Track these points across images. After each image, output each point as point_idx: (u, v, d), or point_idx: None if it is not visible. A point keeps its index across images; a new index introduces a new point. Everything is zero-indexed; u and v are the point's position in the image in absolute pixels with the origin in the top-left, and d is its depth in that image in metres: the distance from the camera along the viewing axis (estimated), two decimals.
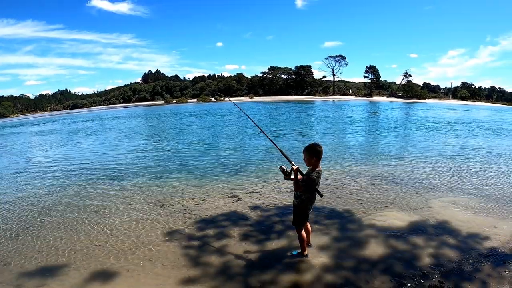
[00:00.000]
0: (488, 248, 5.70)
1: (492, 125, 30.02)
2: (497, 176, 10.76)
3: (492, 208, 7.77)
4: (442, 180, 10.05)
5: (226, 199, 8.31)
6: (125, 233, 6.51)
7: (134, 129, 28.25)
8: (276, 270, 4.96)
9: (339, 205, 7.79)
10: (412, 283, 4.59)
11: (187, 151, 15.73)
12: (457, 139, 20.18)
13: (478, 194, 8.83)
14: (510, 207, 7.87)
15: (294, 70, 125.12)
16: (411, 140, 19.89)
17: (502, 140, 20.39)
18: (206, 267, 5.12)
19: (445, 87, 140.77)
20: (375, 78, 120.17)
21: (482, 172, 11.31)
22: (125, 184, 10.08)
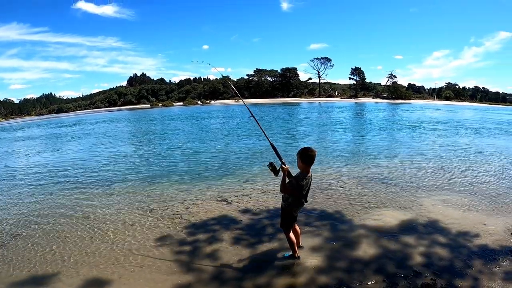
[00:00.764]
0: (478, 245, 5.79)
1: (475, 124, 30.52)
2: (484, 174, 10.99)
3: (481, 205, 7.91)
4: (430, 179, 10.16)
5: (216, 203, 8.27)
6: (115, 239, 6.40)
7: (120, 134, 27.90)
8: (269, 273, 4.94)
9: (329, 206, 7.80)
10: (405, 282, 4.62)
11: (174, 155, 15.60)
12: (442, 138, 20.47)
13: (466, 192, 8.99)
14: (498, 204, 8.03)
15: (280, 73, 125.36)
16: (398, 140, 20.08)
17: (486, 138, 20.86)
18: (199, 272, 5.07)
19: (429, 88, 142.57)
20: (361, 80, 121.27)
21: (469, 170, 11.51)
22: (113, 189, 9.93)
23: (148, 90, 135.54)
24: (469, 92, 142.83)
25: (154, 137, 24.23)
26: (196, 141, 20.53)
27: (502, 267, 5.03)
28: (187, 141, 20.76)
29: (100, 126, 38.54)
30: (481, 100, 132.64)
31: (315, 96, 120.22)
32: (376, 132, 23.88)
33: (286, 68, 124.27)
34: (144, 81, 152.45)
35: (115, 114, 70.47)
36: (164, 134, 26.16)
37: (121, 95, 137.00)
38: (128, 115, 62.93)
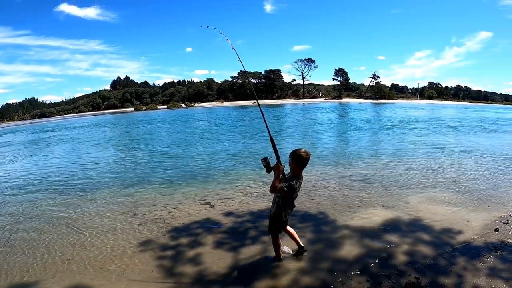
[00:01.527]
0: (462, 242, 5.83)
1: (456, 122, 31.01)
2: (467, 171, 11.19)
3: (464, 202, 8.03)
4: (413, 178, 10.28)
5: (198, 206, 8.19)
6: (97, 245, 6.29)
7: (102, 139, 27.53)
8: (252, 276, 4.90)
9: (312, 207, 7.79)
10: (389, 282, 4.61)
11: (157, 159, 15.47)
12: (425, 137, 20.77)
13: (450, 189, 9.12)
14: (481, 199, 8.19)
15: (264, 74, 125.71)
16: (381, 140, 20.27)
17: (467, 136, 21.26)
18: (181, 277, 5.00)
19: (412, 88, 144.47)
20: (344, 81, 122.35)
21: (452, 167, 11.73)
22: (95, 195, 9.76)
23: (132, 94, 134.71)
24: (451, 91, 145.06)
25: (136, 142, 24.01)
26: (179, 144, 20.42)
27: (486, 263, 5.06)
28: (170, 145, 20.65)
29: (83, 131, 38.06)
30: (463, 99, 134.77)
31: (299, 97, 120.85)
32: (359, 132, 24.07)
33: (270, 70, 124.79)
34: (128, 84, 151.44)
35: (98, 118, 69.83)
36: (147, 138, 25.93)
37: (104, 99, 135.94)
38: (111, 119, 62.39)
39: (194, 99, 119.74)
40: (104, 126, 44.00)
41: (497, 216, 7.05)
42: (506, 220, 6.79)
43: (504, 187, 9.34)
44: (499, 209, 7.51)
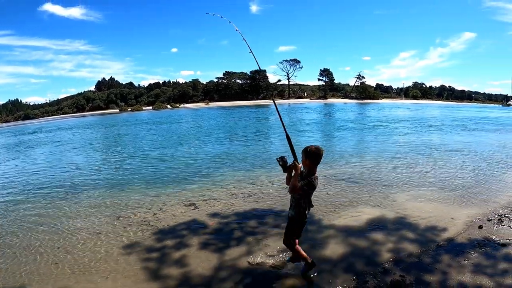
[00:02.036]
0: (446, 239, 5.94)
1: (439, 122, 31.49)
2: (450, 168, 11.46)
3: (448, 199, 8.20)
4: (398, 176, 10.42)
5: (183, 208, 8.15)
6: (82, 249, 6.20)
7: (86, 140, 27.14)
8: (236, 277, 4.90)
9: None
10: (374, 280, 4.66)
11: (142, 161, 15.33)
12: (408, 136, 21.03)
13: (434, 187, 9.31)
14: (465, 197, 8.36)
15: (249, 75, 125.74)
16: (365, 139, 20.50)
17: (450, 135, 21.72)
18: (166, 279, 4.97)
19: (397, 88, 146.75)
20: (329, 81, 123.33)
21: (435, 165, 11.96)
22: (79, 198, 9.62)
23: (117, 95, 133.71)
24: (435, 91, 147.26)
25: (120, 144, 23.78)
26: (163, 146, 20.28)
27: (470, 259, 5.14)
28: (154, 146, 20.49)
29: (67, 133, 37.56)
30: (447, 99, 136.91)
31: (284, 97, 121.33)
32: (344, 132, 24.25)
33: (255, 70, 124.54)
34: (113, 85, 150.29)
35: (83, 120, 69.03)
36: (131, 140, 25.68)
37: (89, 100, 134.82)
38: (96, 121, 61.72)
39: (179, 100, 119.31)
40: (88, 128, 43.46)
41: (480, 213, 7.19)
42: (490, 217, 6.92)
43: (487, 185, 9.54)
44: (483, 206, 7.67)
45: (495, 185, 9.48)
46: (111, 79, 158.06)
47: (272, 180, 10.48)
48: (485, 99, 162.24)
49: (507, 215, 7.01)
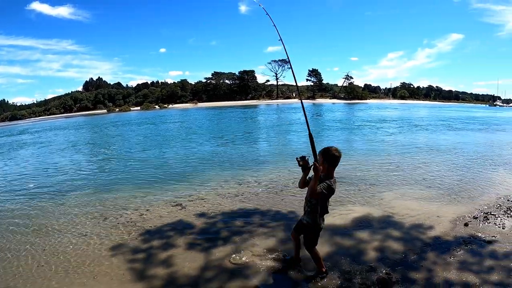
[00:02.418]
0: (432, 237, 6.02)
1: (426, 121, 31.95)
2: (436, 167, 11.69)
3: (435, 197, 8.35)
4: (385, 175, 10.55)
5: (170, 208, 8.14)
6: (68, 251, 6.15)
7: (73, 142, 26.86)
8: (223, 276, 4.91)
9: (284, 207, 7.87)
10: (360, 278, 4.70)
11: (129, 162, 15.21)
12: (395, 136, 21.25)
13: (420, 186, 9.47)
14: (451, 195, 8.53)
15: (238, 75, 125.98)
16: (353, 139, 20.60)
17: (436, 134, 22.11)
18: (152, 279, 4.96)
19: (385, 88, 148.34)
20: (318, 81, 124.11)
21: (422, 164, 12.18)
22: (64, 200, 9.54)
23: (105, 95, 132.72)
24: (423, 91, 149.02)
25: (107, 145, 23.52)
26: (151, 147, 20.21)
27: (456, 257, 5.22)
28: (141, 147, 20.38)
29: (54, 134, 37.18)
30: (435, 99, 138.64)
31: (273, 98, 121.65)
32: (332, 132, 24.45)
33: (243, 71, 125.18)
34: (101, 85, 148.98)
35: (70, 121, 68.38)
36: (118, 141, 25.52)
37: (77, 101, 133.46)
38: (83, 122, 61.18)
39: (167, 100, 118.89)
40: (75, 129, 43.10)
41: (467, 211, 7.31)
42: (476, 215, 7.04)
43: (473, 183, 9.73)
44: (469, 204, 7.81)
45: (481, 184, 9.66)
46: (99, 79, 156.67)
47: (259, 180, 10.52)
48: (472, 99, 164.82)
49: (493, 213, 7.14)
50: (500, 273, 4.72)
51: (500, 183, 9.72)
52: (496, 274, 4.68)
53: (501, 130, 25.92)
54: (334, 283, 4.61)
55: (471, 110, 68.60)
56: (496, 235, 6.00)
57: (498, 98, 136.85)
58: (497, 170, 11.45)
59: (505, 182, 9.81)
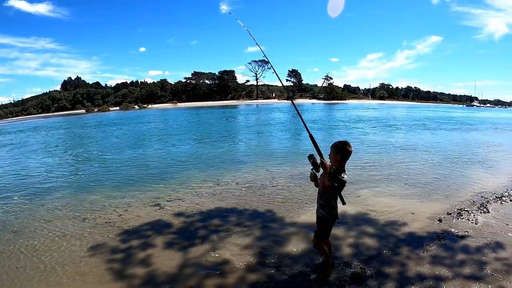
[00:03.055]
0: (406, 233, 6.22)
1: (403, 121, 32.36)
2: (412, 165, 12.12)
3: (410, 195, 8.65)
4: (362, 174, 10.81)
5: (148, 208, 8.18)
6: (47, 251, 6.15)
7: (50, 142, 26.32)
8: (201, 274, 5.00)
9: (261, 206, 8.00)
10: (335, 273, 4.84)
11: (107, 163, 15.11)
12: (373, 135, 21.55)
13: (396, 184, 9.79)
14: (426, 193, 8.88)
15: (218, 75, 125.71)
16: (330, 139, 20.77)
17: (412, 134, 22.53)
18: (132, 279, 5.02)
19: (364, 88, 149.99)
20: (297, 82, 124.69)
21: (398, 163, 12.56)
22: (43, 201, 9.45)
23: (83, 95, 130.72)
24: (402, 91, 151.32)
25: (85, 145, 23.17)
26: (128, 147, 20.06)
27: (429, 251, 5.43)
28: (119, 148, 20.24)
29: (30, 134, 36.44)
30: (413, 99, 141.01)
31: (253, 98, 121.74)
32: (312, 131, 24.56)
33: (223, 71, 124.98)
34: (79, 85, 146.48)
35: (48, 121, 67.09)
36: (96, 141, 25.16)
37: (55, 100, 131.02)
38: (61, 122, 60.14)
39: (147, 100, 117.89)
40: (53, 129, 42.33)
41: (441, 208, 7.61)
42: (450, 211, 7.32)
43: (448, 180, 10.14)
44: (444, 201, 8.13)
45: (456, 181, 10.05)
46: (78, 79, 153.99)
47: (236, 180, 10.64)
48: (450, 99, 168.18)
49: (466, 209, 7.43)
50: (472, 266, 4.93)
51: (475, 181, 10.13)
52: (468, 267, 4.88)
53: (475, 130, 26.75)
54: (309, 278, 4.76)
55: (449, 110, 69.98)
56: (469, 230, 6.25)
57: (476, 99, 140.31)
58: (472, 168, 11.91)
59: (480, 180, 10.22)
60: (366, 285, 4.53)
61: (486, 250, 5.46)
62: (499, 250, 5.44)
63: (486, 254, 5.30)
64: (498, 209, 7.46)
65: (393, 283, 4.57)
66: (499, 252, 5.38)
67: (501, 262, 5.02)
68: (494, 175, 10.94)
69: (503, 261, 5.07)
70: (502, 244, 5.67)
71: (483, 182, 9.97)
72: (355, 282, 4.61)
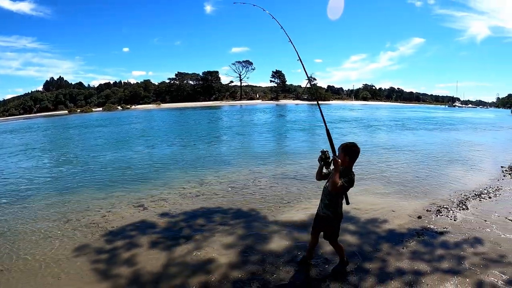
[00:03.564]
0: (386, 230, 6.43)
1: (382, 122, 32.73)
2: (394, 164, 12.51)
3: (390, 194, 8.92)
4: None
5: (132, 209, 8.22)
6: (31, 253, 6.13)
7: (31, 144, 25.81)
8: (185, 273, 5.08)
9: (244, 205, 8.14)
10: (316, 270, 4.99)
11: (90, 164, 15.05)
12: (353, 135, 21.89)
13: (378, 182, 10.13)
14: (406, 191, 9.22)
15: (202, 76, 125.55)
16: (313, 139, 21.11)
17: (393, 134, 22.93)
18: (117, 278, 5.07)
19: (348, 89, 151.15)
20: (281, 82, 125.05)
21: (379, 162, 12.89)
22: (26, 202, 9.38)
23: (66, 95, 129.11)
24: (385, 92, 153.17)
25: (67, 147, 22.99)
26: (112, 149, 19.96)
27: (409, 247, 5.62)
28: (103, 149, 20.13)
29: (10, 136, 35.94)
30: (396, 100, 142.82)
31: (236, 99, 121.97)
32: (295, 132, 24.89)
33: (207, 72, 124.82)
34: (62, 85, 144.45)
35: (29, 122, 66.05)
36: (79, 143, 24.93)
37: (37, 101, 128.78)
38: (43, 123, 59.27)
39: (130, 101, 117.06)
40: (34, 130, 41.73)
41: (421, 205, 7.88)
42: (429, 209, 7.59)
43: (429, 179, 10.51)
44: (424, 199, 8.43)
45: (436, 179, 10.44)
46: (60, 79, 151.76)
47: (219, 180, 10.77)
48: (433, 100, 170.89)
49: (446, 206, 7.71)
50: (451, 261, 5.12)
51: (455, 179, 10.48)
52: (446, 262, 5.08)
53: (456, 130, 27.43)
54: (291, 275, 4.88)
55: (431, 111, 71.07)
56: (447, 227, 6.48)
57: (457, 99, 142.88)
58: (452, 167, 12.33)
59: (460, 178, 10.58)
60: (346, 281, 4.66)
61: (464, 245, 5.66)
62: (477, 245, 5.65)
63: (465, 249, 5.50)
64: (477, 206, 7.73)
65: (373, 278, 4.72)
66: (477, 247, 5.59)
67: (479, 257, 5.21)
68: (474, 173, 11.32)
69: (481, 255, 5.26)
70: (480, 239, 5.89)
71: (463, 180, 10.31)
72: (336, 278, 4.74)
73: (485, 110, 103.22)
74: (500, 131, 29.15)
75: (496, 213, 7.24)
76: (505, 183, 9.94)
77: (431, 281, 4.60)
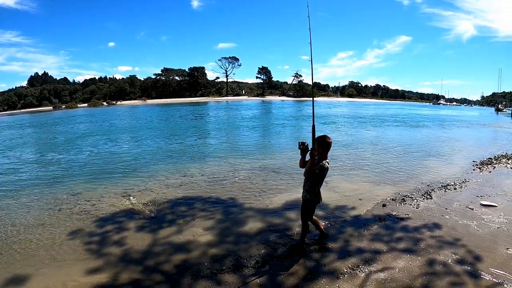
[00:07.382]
0: (352, 216, 7.17)
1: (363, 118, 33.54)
2: (374, 157, 13.54)
3: (359, 184, 9.74)
4: None
5: (120, 198, 8.74)
6: (28, 238, 6.58)
7: (20, 140, 26.05)
8: (168, 251, 5.76)
9: (223, 194, 8.84)
10: (284, 248, 5.69)
11: (79, 158, 15.54)
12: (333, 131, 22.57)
13: (348, 174, 10.82)
14: (376, 181, 10.05)
15: (188, 72, 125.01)
16: (295, 134, 21.82)
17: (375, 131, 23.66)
18: (108, 256, 5.66)
19: (334, 86, 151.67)
20: (267, 79, 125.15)
21: (352, 155, 13.78)
22: (20, 194, 9.83)
23: (51, 91, 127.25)
24: (371, 89, 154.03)
25: (56, 142, 23.34)
26: (100, 144, 20.42)
27: (370, 230, 6.35)
28: (90, 144, 20.55)
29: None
30: (382, 97, 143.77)
31: (222, 95, 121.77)
32: (277, 128, 25.55)
33: (193, 67, 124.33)
34: (46, 80, 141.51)
35: (13, 119, 65.36)
36: (66, 137, 25.13)
37: (21, 97, 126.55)
38: (28, 119, 58.81)
39: (116, 97, 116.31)
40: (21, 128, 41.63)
41: (388, 194, 8.71)
42: (395, 197, 8.40)
43: (400, 171, 11.41)
44: (392, 188, 9.28)
45: (407, 171, 11.33)
46: (45, 74, 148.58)
47: (202, 172, 11.46)
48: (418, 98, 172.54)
49: (411, 196, 8.49)
50: (407, 242, 5.84)
51: (427, 171, 11.35)
52: (403, 243, 5.78)
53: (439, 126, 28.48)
54: (261, 253, 5.56)
55: (415, 108, 72.14)
56: (409, 213, 7.22)
57: (442, 97, 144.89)
58: (428, 160, 13.33)
59: (431, 170, 11.44)
60: (310, 257, 5.36)
61: (422, 229, 6.38)
62: (435, 229, 6.36)
63: (422, 233, 6.22)
64: (441, 196, 8.47)
65: (334, 255, 5.41)
66: (434, 231, 6.30)
67: (435, 239, 5.92)
68: (445, 167, 12.13)
69: (436, 238, 5.97)
70: (439, 224, 6.61)
71: (435, 172, 11.16)
72: (300, 254, 5.45)
73: (469, 108, 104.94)
74: (484, 128, 30.47)
75: (458, 202, 7.92)
76: (473, 176, 10.65)
77: (386, 258, 5.26)
